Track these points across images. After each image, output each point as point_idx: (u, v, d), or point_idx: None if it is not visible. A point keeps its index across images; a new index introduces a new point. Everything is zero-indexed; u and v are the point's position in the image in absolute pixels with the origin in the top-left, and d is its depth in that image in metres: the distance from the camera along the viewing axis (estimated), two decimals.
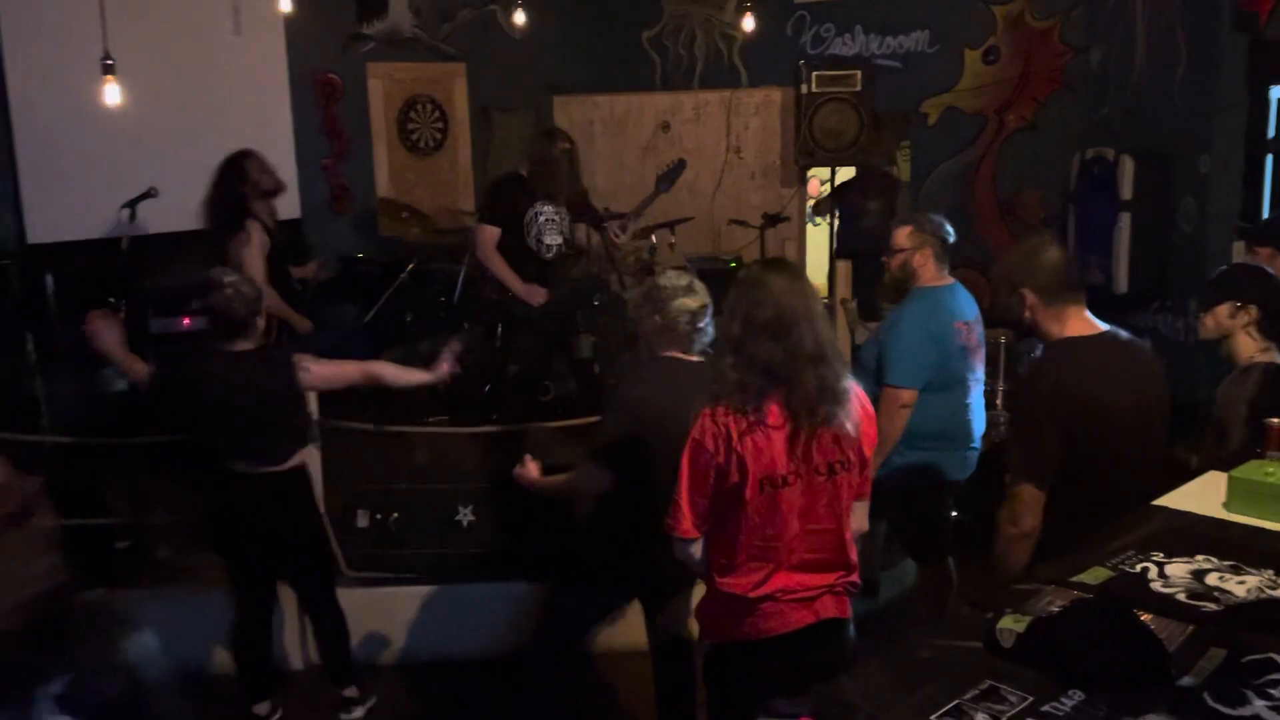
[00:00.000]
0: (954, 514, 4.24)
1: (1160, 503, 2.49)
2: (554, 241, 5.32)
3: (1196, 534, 2.28)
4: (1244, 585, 2.02)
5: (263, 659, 4.09)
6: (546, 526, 4.48)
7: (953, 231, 4.04)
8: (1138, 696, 1.68)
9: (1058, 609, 1.92)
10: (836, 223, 7.34)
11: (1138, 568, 2.12)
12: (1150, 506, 2.47)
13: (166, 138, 6.07)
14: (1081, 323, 3.05)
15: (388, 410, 5.21)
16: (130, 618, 1.78)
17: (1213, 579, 2.05)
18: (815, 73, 7.21)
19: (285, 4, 6.20)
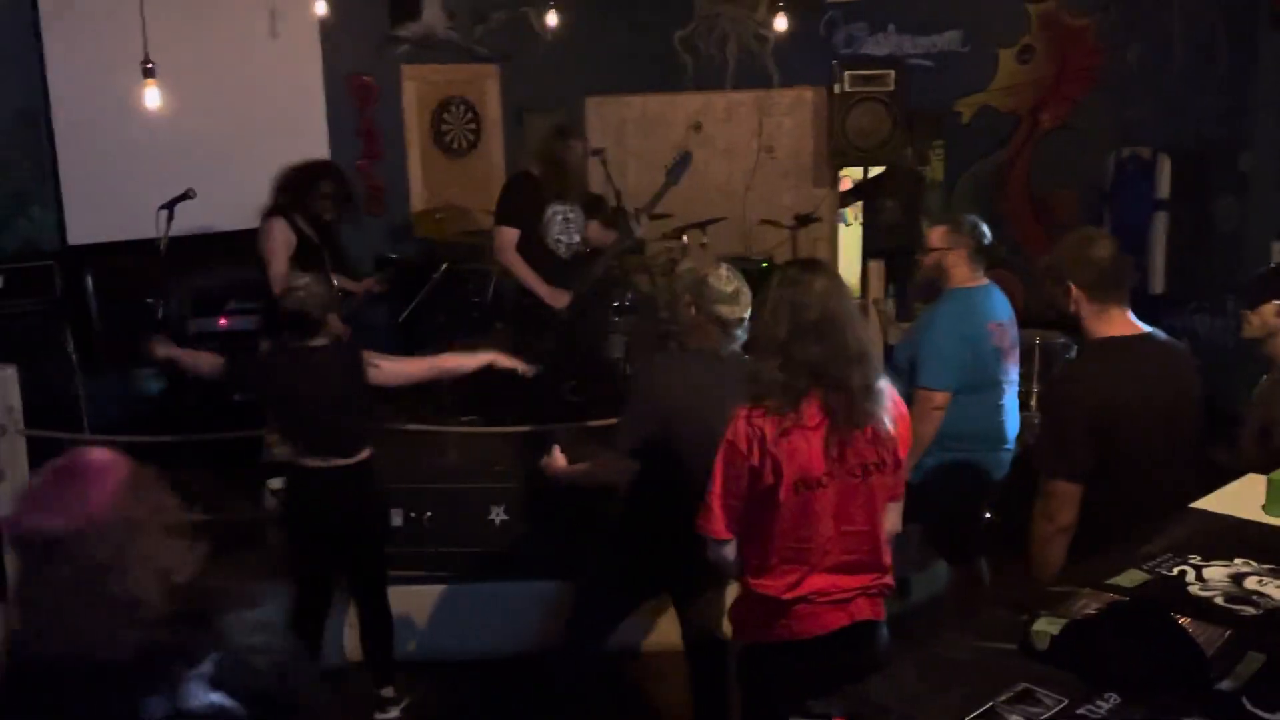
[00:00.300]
0: (987, 515, 4.22)
1: (1198, 505, 2.47)
2: (571, 240, 5.30)
3: (1235, 537, 2.26)
4: None
5: (314, 651, 4.14)
6: (577, 525, 4.50)
7: (988, 232, 4.02)
8: (1174, 700, 1.67)
9: (1093, 612, 1.91)
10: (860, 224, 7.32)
11: (1175, 571, 2.10)
12: (1188, 509, 2.45)
13: (204, 140, 6.14)
14: (1123, 324, 3.03)
15: (421, 410, 5.24)
16: (264, 600, 1.84)
17: (1251, 582, 2.03)
18: (848, 72, 7.19)
19: (321, 7, 6.25)
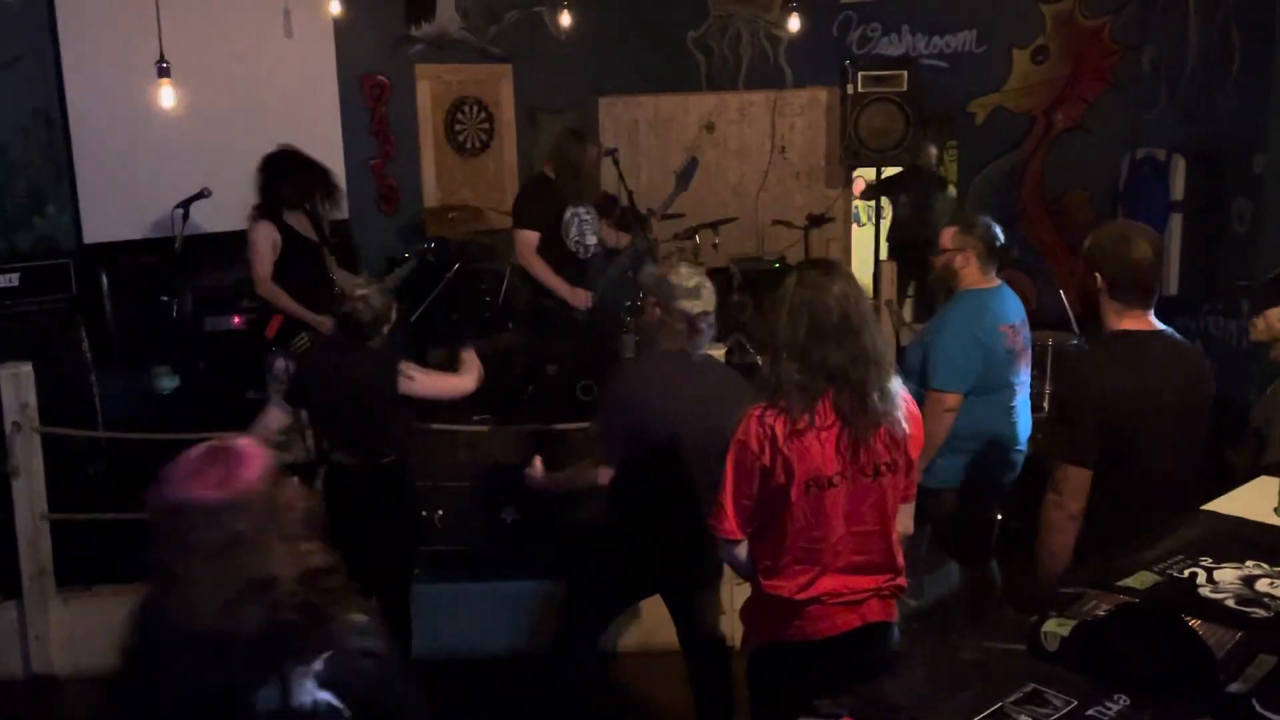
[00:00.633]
0: (998, 517, 4.21)
1: (1210, 507, 2.46)
2: (590, 242, 5.33)
3: (1247, 539, 2.25)
4: None
5: None
6: (581, 524, 4.51)
7: (1000, 234, 4.01)
8: (1184, 702, 1.67)
9: (1103, 613, 1.90)
10: (884, 223, 7.31)
11: (1186, 573, 2.10)
12: (1199, 511, 2.44)
13: (219, 139, 6.17)
14: (1140, 320, 3.02)
15: (433, 409, 5.25)
16: (372, 604, 1.88)
17: (1263, 585, 2.02)
18: (861, 73, 7.19)
19: (335, 7, 6.28)
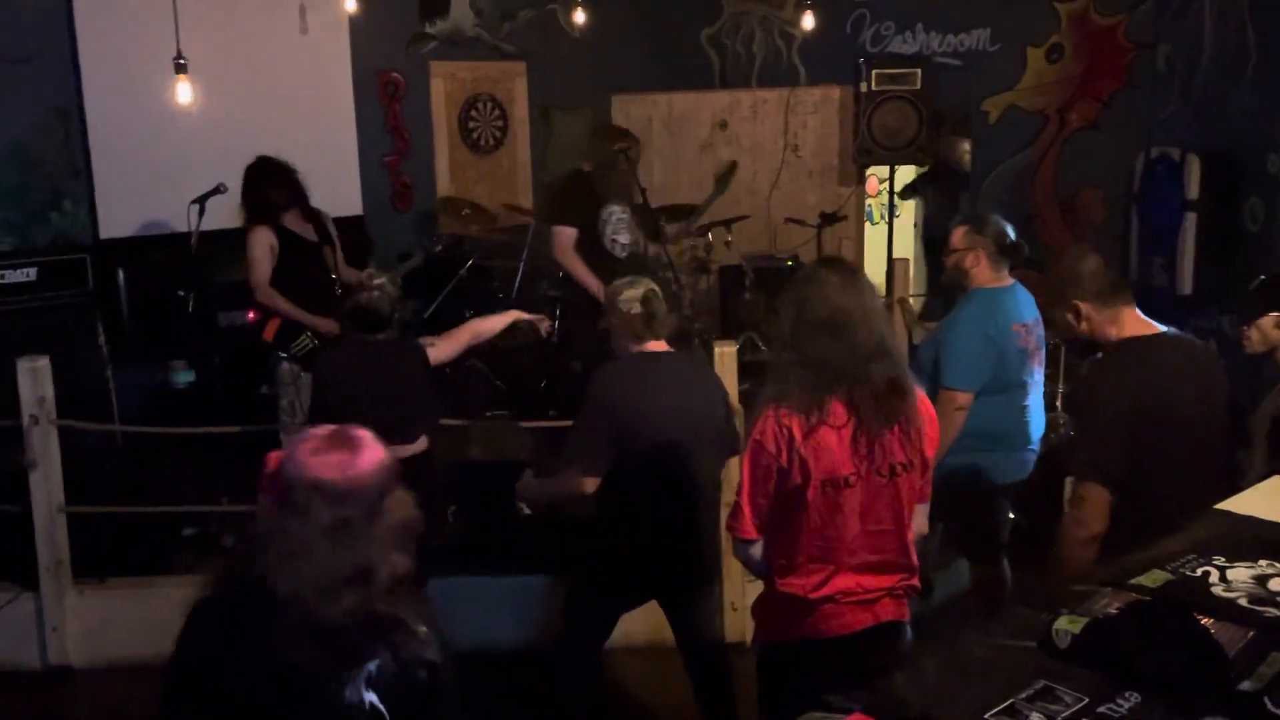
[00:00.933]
0: (1010, 515, 4.21)
1: (1223, 507, 2.47)
2: (626, 240, 5.34)
3: (1259, 539, 2.26)
4: None
5: None
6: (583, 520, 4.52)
7: (1012, 232, 4.00)
8: (1195, 700, 1.68)
9: (1115, 611, 1.91)
10: (897, 221, 7.30)
11: (1198, 571, 2.10)
12: (1212, 510, 2.45)
13: (235, 135, 6.18)
14: (1138, 323, 3.03)
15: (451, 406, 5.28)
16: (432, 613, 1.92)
17: (1275, 584, 2.03)
18: (875, 71, 7.16)
19: (350, 4, 6.30)
